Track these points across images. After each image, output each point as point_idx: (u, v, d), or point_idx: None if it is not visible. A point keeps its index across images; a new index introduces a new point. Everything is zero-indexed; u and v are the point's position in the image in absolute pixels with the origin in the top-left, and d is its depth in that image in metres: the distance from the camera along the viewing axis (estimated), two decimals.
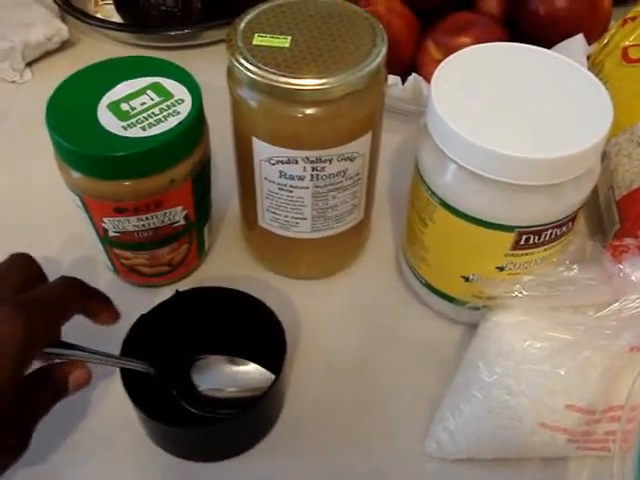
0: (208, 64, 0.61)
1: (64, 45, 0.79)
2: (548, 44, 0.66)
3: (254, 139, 0.47)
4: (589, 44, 0.67)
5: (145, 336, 0.48)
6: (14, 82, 0.76)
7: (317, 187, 0.49)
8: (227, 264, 0.59)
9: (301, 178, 0.48)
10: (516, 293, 0.46)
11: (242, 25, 0.47)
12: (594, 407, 0.45)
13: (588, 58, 0.68)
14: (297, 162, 0.47)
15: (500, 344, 0.46)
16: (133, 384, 0.45)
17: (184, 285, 0.56)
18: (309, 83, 0.43)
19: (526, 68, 0.48)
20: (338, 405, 0.51)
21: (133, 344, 0.47)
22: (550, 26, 0.67)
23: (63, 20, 0.80)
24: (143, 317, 0.48)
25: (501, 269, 0.48)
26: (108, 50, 0.79)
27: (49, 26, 0.76)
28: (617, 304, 0.45)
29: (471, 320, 0.52)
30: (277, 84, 0.43)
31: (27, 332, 0.37)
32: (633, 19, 0.68)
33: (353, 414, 0.50)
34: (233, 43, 0.45)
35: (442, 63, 0.47)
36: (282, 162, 0.47)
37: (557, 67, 0.48)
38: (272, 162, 0.47)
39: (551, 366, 0.44)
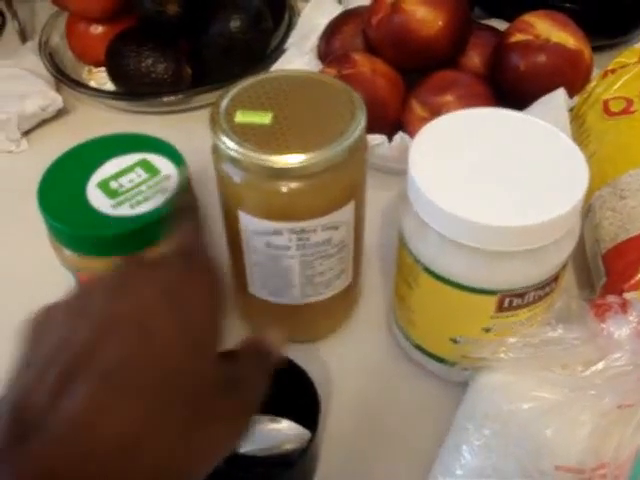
0: (201, 126, 0.60)
1: (59, 113, 0.80)
2: (530, 99, 0.67)
3: (240, 212, 0.48)
4: (571, 97, 0.68)
5: None
6: (10, 152, 0.77)
7: (303, 256, 0.50)
8: None
9: (287, 248, 0.49)
10: (502, 355, 0.47)
11: (225, 102, 0.48)
12: (584, 466, 0.45)
13: (571, 111, 0.69)
14: (282, 234, 0.48)
15: (487, 406, 0.47)
16: None
17: None
18: (290, 160, 0.44)
19: (504, 134, 0.48)
20: (332, 468, 0.51)
21: None
22: (531, 81, 0.68)
23: (58, 89, 0.81)
24: None
25: (487, 330, 0.49)
26: (102, 117, 0.81)
27: (44, 96, 0.77)
28: (601, 363, 0.46)
29: (463, 379, 0.52)
30: (259, 162, 0.44)
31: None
32: (613, 71, 0.69)
33: (343, 478, 0.51)
34: (216, 121, 0.47)
35: (419, 132, 0.48)
36: (268, 234, 0.48)
37: (535, 131, 0.49)
38: (258, 234, 0.49)
39: (538, 427, 0.45)
